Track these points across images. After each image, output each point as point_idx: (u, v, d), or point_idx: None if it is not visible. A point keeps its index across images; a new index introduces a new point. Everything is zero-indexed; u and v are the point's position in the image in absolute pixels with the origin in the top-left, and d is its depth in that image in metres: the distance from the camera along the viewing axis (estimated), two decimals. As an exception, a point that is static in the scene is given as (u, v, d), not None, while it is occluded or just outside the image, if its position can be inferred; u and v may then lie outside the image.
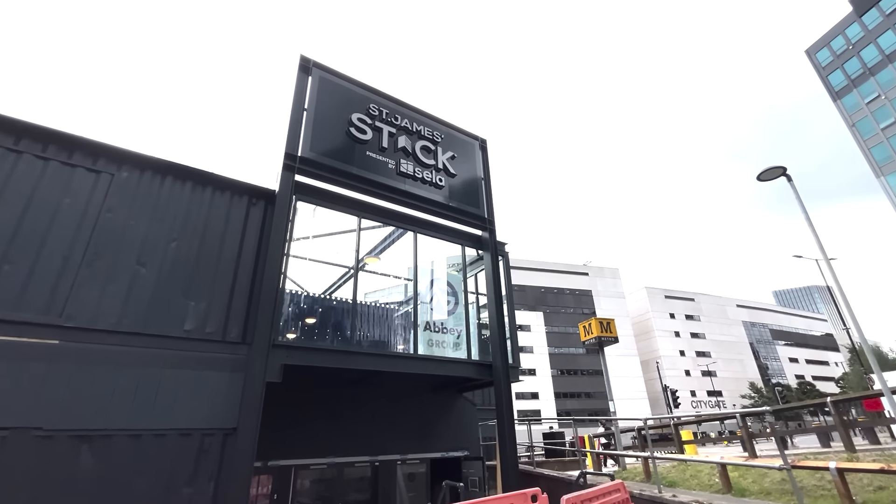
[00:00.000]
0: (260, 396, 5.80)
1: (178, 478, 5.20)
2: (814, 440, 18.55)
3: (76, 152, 5.94)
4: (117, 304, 5.53)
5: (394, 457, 9.01)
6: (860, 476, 6.49)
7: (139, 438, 5.13)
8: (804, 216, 7.65)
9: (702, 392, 71.72)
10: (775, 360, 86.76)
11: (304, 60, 8.35)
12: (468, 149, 10.49)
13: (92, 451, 4.86)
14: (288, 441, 7.87)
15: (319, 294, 8.89)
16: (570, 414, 59.24)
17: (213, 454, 5.49)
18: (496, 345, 8.64)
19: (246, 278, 6.64)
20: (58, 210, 5.56)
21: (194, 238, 6.38)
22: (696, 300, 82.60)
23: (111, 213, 5.89)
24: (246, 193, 7.15)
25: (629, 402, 63.79)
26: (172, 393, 5.46)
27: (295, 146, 7.50)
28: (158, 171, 6.45)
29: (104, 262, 5.62)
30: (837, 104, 47.24)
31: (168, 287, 5.95)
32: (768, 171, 7.92)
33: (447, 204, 9.27)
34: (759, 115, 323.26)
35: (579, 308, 70.60)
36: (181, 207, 6.45)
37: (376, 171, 8.45)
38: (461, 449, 10.00)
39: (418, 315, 8.36)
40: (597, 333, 11.69)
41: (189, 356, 5.74)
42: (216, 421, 5.61)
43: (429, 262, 9.43)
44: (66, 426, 4.80)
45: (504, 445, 7.92)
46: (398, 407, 9.34)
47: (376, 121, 8.89)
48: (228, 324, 6.24)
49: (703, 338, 78.90)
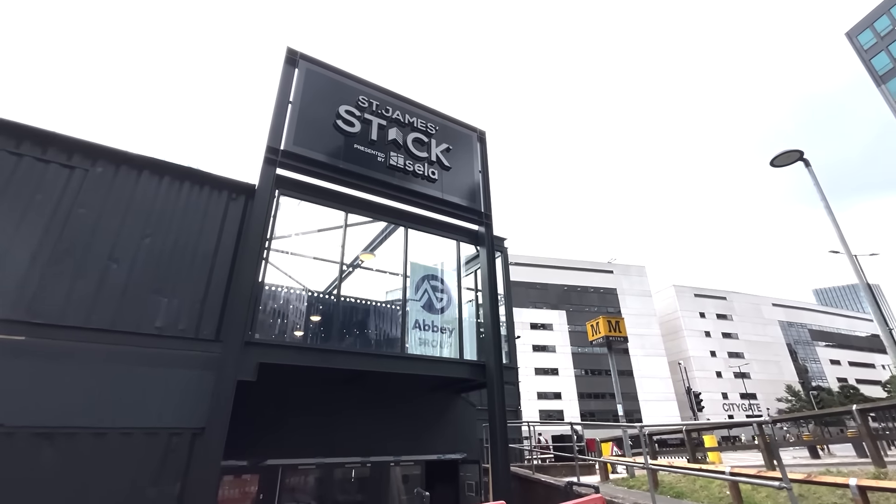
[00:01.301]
0: (230, 395, 5.63)
1: (142, 478, 5.09)
2: (852, 448, 17.27)
3: (50, 148, 5.92)
4: (86, 301, 5.47)
5: (387, 458, 8.77)
6: (886, 496, 5.81)
7: (104, 437, 5.04)
8: (824, 205, 6.89)
9: (734, 394, 68.81)
10: (815, 362, 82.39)
11: (290, 53, 8.18)
12: (465, 141, 10.11)
13: (54, 448, 4.79)
14: (275, 440, 7.73)
15: (315, 292, 8.73)
16: (593, 415, 57.90)
17: (181, 454, 5.36)
18: (490, 344, 8.27)
19: (222, 275, 6.50)
20: (28, 206, 5.53)
21: (169, 234, 6.29)
22: (729, 299, 79.28)
23: (83, 208, 5.84)
24: (225, 188, 7.02)
25: (656, 404, 61.96)
26: (140, 391, 5.36)
27: (278, 139, 7.33)
28: (134, 166, 6.39)
29: (74, 258, 5.57)
30: (882, 89, 44.20)
31: (140, 283, 5.86)
32: (783, 156, 7.17)
33: (440, 198, 8.93)
34: (795, 102, 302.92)
35: (604, 307, 68.87)
36: (157, 203, 6.36)
37: (364, 165, 8.19)
38: (459, 451, 9.67)
39: (408, 314, 8.08)
40: (605, 333, 11.15)
41: (159, 354, 5.63)
42: (185, 420, 5.48)
43: (426, 258, 9.15)
44: (28, 423, 4.74)
45: (496, 450, 7.55)
46: (392, 407, 9.09)
47: (366, 113, 8.64)
48: (202, 321, 6.12)
49: (736, 338, 75.65)
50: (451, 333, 8.49)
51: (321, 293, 7.93)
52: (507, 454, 7.57)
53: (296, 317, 7.38)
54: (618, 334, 11.05)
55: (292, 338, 7.18)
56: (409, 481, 9.13)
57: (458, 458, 9.54)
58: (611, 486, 8.53)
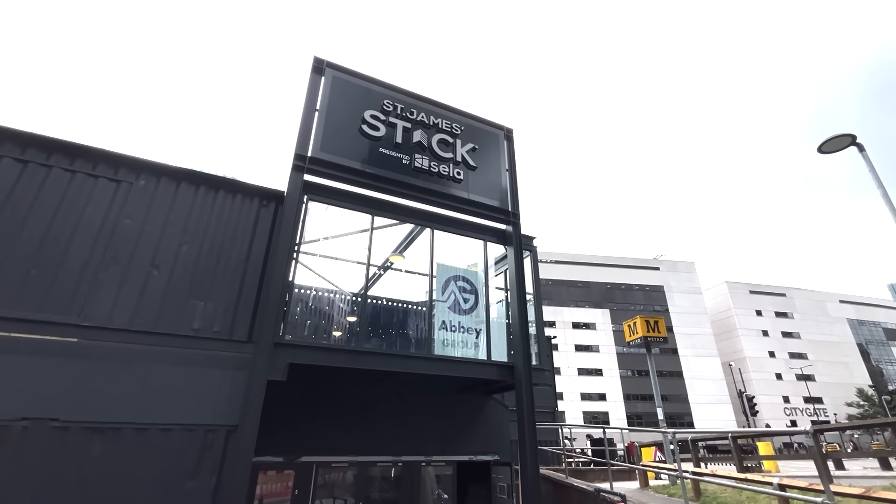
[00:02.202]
0: (261, 394, 5.87)
1: (181, 471, 5.40)
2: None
3: (100, 164, 6.41)
4: (131, 305, 5.87)
5: (418, 458, 8.84)
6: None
7: (146, 432, 5.39)
8: (881, 193, 6.20)
9: (797, 398, 64.16)
10: (891, 364, 75.41)
11: (317, 62, 8.42)
12: (491, 140, 10.02)
13: (102, 442, 5.17)
14: (309, 438, 7.98)
15: (345, 294, 8.94)
16: (640, 417, 55.78)
17: (216, 450, 5.64)
18: (518, 345, 8.15)
19: (254, 279, 6.79)
20: (81, 218, 6.01)
21: (205, 240, 6.64)
22: (788, 295, 74.02)
23: (129, 219, 6.28)
24: (256, 196, 7.33)
25: (708, 407, 58.91)
26: (179, 389, 5.69)
27: (305, 146, 7.56)
28: (173, 177, 6.79)
29: (120, 265, 6.00)
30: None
31: (179, 288, 6.23)
32: (833, 141, 6.52)
33: (466, 198, 8.90)
34: (861, 71, 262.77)
35: (650, 305, 66.18)
36: (193, 211, 6.73)
37: (390, 168, 8.30)
38: (490, 453, 9.59)
39: (435, 314, 8.11)
40: (643, 333, 10.69)
41: (196, 354, 5.95)
42: (220, 417, 5.77)
43: (453, 259, 9.14)
44: (80, 418, 5.15)
45: (524, 452, 7.43)
46: (423, 407, 9.15)
47: (390, 116, 8.75)
48: (235, 323, 6.41)
49: (798, 337, 70.52)
50: (478, 334, 8.44)
51: (350, 295, 8.10)
52: (536, 457, 7.43)
53: (326, 318, 7.59)
54: (656, 334, 10.56)
55: (322, 339, 7.38)
56: (441, 481, 9.17)
57: (490, 460, 9.46)
58: (647, 494, 8.19)
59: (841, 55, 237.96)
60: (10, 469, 4.71)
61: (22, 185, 5.87)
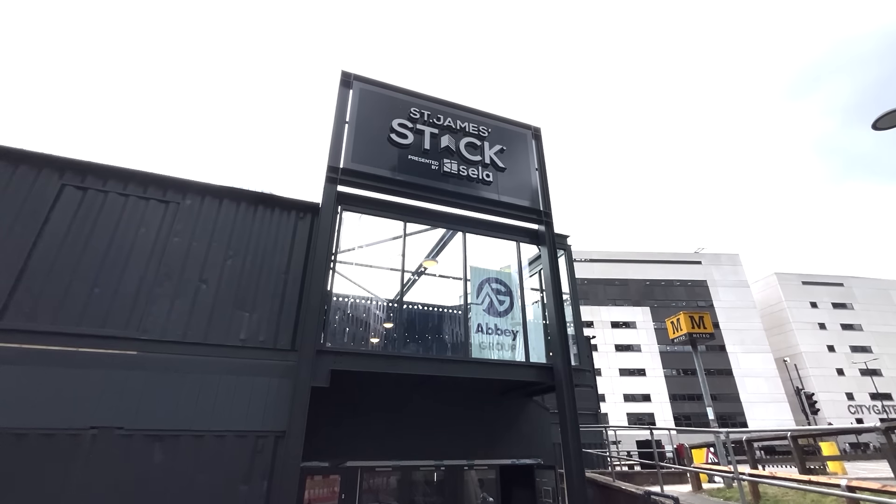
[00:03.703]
0: (306, 400, 6.05)
1: (235, 476, 5.64)
2: None
3: (150, 186, 6.83)
4: (183, 318, 6.21)
5: (460, 462, 8.85)
6: None
7: (202, 439, 5.67)
8: None
9: (862, 395, 59.74)
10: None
11: (344, 76, 8.66)
12: (519, 140, 9.97)
13: (163, 448, 5.48)
14: (354, 443, 8.15)
15: (381, 301, 9.09)
16: (688, 418, 53.50)
17: (266, 455, 5.86)
18: (556, 346, 8.03)
19: (295, 289, 7.03)
20: (136, 238, 6.42)
21: (247, 254, 6.94)
22: (846, 285, 69.16)
23: (178, 237, 6.65)
24: (293, 209, 7.60)
25: (762, 406, 55.82)
26: (230, 397, 5.95)
27: (337, 158, 7.78)
28: (216, 196, 7.14)
29: (172, 281, 6.36)
30: None
31: (225, 300, 6.53)
32: (890, 116, 6.06)
33: (496, 200, 8.89)
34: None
35: (693, 300, 63.52)
36: (235, 227, 7.06)
37: (419, 174, 8.41)
38: (533, 456, 9.47)
39: (471, 318, 8.11)
40: (687, 329, 10.31)
41: (244, 363, 6.22)
42: (268, 424, 5.99)
43: (487, 261, 9.13)
44: (143, 426, 5.48)
45: (568, 454, 7.29)
46: (464, 410, 9.17)
47: (418, 124, 8.87)
48: (279, 332, 6.65)
49: (860, 329, 65.70)
50: (515, 336, 8.38)
51: (387, 301, 8.24)
52: (580, 459, 7.28)
53: (363, 325, 7.73)
54: (702, 330, 10.15)
55: (360, 345, 7.53)
56: (485, 485, 9.13)
57: (534, 463, 9.34)
58: (701, 498, 7.84)
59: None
60: (82, 475, 5.06)
61: (83, 210, 6.33)
